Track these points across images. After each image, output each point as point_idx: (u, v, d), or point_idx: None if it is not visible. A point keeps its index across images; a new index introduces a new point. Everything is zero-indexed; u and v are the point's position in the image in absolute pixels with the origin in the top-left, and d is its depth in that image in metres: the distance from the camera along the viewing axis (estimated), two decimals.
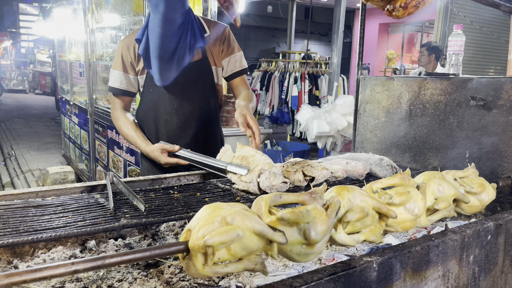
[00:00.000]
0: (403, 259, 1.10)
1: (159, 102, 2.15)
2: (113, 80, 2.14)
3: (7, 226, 1.18)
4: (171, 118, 2.16)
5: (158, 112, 2.17)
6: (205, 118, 2.22)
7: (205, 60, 2.15)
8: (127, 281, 1.30)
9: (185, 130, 2.18)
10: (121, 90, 2.15)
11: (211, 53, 2.17)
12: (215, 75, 2.20)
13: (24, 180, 5.96)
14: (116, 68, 2.13)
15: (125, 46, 2.11)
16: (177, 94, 2.13)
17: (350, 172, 1.90)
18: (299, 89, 8.44)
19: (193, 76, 2.12)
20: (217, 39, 2.18)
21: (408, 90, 2.22)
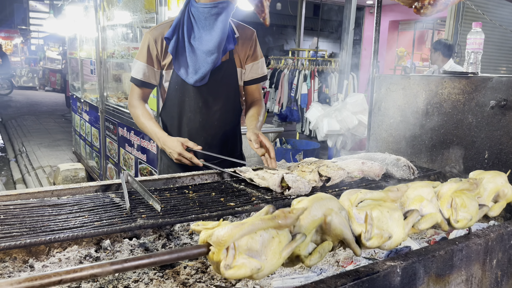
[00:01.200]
0: (427, 264, 1.07)
1: (184, 99, 2.15)
2: (136, 71, 2.12)
3: (23, 226, 1.18)
4: (195, 116, 2.16)
5: (183, 109, 2.17)
6: (228, 118, 2.23)
7: (232, 61, 2.17)
8: (143, 282, 1.29)
9: (208, 129, 2.18)
10: (143, 82, 2.14)
11: (238, 54, 2.18)
12: (239, 76, 2.22)
13: (35, 176, 6.00)
14: (140, 58, 2.11)
15: (152, 38, 2.08)
16: (203, 93, 2.13)
17: (366, 172, 1.87)
18: (308, 87, 8.39)
19: (219, 76, 2.13)
20: (245, 42, 2.19)
21: (425, 89, 2.18)
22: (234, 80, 2.20)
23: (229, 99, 2.21)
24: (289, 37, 21.95)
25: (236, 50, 2.17)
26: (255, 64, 2.25)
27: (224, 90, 2.17)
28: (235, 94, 2.24)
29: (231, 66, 2.17)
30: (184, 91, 2.13)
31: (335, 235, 1.04)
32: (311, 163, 1.84)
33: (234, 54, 2.18)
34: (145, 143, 3.54)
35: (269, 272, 0.96)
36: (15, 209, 1.30)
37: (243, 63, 2.22)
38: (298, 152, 6.18)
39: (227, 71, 2.16)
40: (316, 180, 1.74)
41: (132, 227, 1.23)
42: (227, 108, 2.22)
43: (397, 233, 1.10)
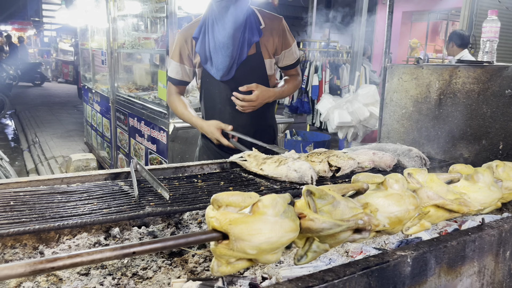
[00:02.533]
0: (439, 254, 1.05)
1: (215, 92, 2.25)
2: (170, 70, 2.29)
3: (33, 212, 1.18)
4: (224, 108, 2.25)
5: (214, 102, 2.27)
6: (258, 109, 2.26)
7: (259, 54, 2.20)
8: (152, 270, 1.29)
9: (237, 120, 2.24)
10: (177, 80, 2.30)
11: (265, 46, 2.20)
12: (268, 67, 2.25)
13: (48, 166, 6.07)
14: (174, 58, 2.26)
15: (183, 39, 2.22)
16: (231, 86, 2.19)
17: (377, 162, 1.85)
18: (319, 78, 8.31)
19: (247, 69, 2.18)
20: (273, 32, 2.21)
21: (438, 79, 2.14)
22: (262, 72, 2.25)
23: None
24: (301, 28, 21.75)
25: (263, 42, 2.19)
26: (287, 52, 2.29)
27: (252, 81, 2.20)
28: (264, 84, 2.25)
29: (258, 59, 2.21)
30: (213, 85, 2.24)
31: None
32: (320, 153, 1.82)
33: (262, 47, 2.20)
34: (155, 134, 3.54)
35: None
36: (25, 196, 1.31)
37: (271, 53, 2.25)
38: (309, 144, 6.14)
39: (255, 65, 2.21)
40: (326, 170, 1.72)
41: (140, 215, 1.23)
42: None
43: None
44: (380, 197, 1.02)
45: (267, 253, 0.84)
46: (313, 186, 0.96)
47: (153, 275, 1.26)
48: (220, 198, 0.89)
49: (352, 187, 1.05)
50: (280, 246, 0.85)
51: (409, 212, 1.00)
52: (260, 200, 0.90)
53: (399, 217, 0.98)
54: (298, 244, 0.94)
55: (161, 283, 1.22)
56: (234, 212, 0.89)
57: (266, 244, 0.83)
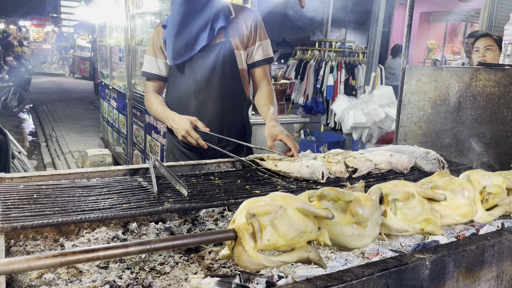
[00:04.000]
0: (457, 258, 1.05)
1: (180, 84, 2.16)
2: (145, 65, 2.22)
3: (56, 205, 1.21)
4: (189, 100, 2.15)
5: (179, 94, 2.17)
6: (226, 103, 2.16)
7: (228, 42, 2.10)
8: (169, 265, 1.31)
9: (203, 113, 2.13)
10: (152, 74, 2.20)
11: (236, 35, 2.12)
12: (239, 59, 2.14)
13: (64, 161, 6.17)
14: (148, 53, 2.21)
15: (156, 32, 2.18)
16: (196, 76, 2.11)
17: (394, 164, 1.84)
18: (335, 78, 8.27)
19: (213, 58, 2.09)
20: (244, 23, 2.13)
21: (458, 81, 2.12)
22: (231, 62, 2.13)
23: (226, 82, 2.13)
24: (316, 28, 21.67)
25: (233, 31, 2.11)
26: (258, 45, 2.17)
27: (219, 72, 2.11)
28: (234, 77, 2.15)
29: (227, 46, 2.10)
30: (179, 74, 2.14)
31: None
32: (337, 154, 1.82)
33: (232, 35, 2.11)
34: (162, 121, 3.57)
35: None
36: (47, 189, 1.34)
37: (242, 45, 2.14)
38: (323, 144, 6.12)
39: (222, 53, 2.10)
40: (343, 171, 1.72)
41: (159, 211, 1.25)
42: (224, 92, 2.14)
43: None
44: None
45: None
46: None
47: (170, 271, 1.28)
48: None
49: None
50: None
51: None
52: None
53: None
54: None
55: (178, 279, 1.24)
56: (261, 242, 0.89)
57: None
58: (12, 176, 1.41)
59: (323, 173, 1.57)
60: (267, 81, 2.22)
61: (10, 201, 1.19)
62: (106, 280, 1.20)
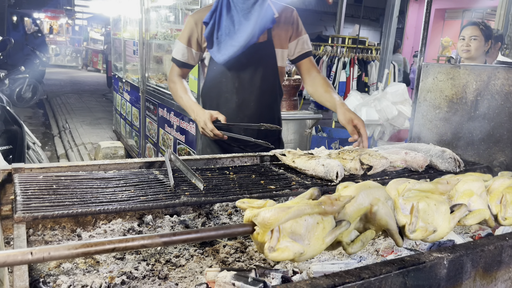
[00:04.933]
0: (475, 258, 1.04)
1: (221, 80, 2.20)
2: (176, 51, 2.24)
3: (75, 197, 1.23)
4: (231, 97, 2.20)
5: (220, 90, 2.22)
6: (265, 100, 2.23)
7: (270, 42, 2.17)
8: (184, 258, 1.32)
9: (244, 110, 2.21)
10: (182, 62, 2.24)
11: (277, 35, 2.18)
12: (279, 57, 2.22)
13: (77, 152, 6.24)
14: (181, 40, 2.22)
15: (194, 21, 2.19)
16: (239, 74, 2.17)
17: (409, 163, 1.82)
18: (347, 74, 8.23)
19: (256, 57, 2.15)
20: (285, 22, 2.19)
21: (475, 79, 2.09)
22: (272, 61, 2.21)
23: (266, 80, 2.21)
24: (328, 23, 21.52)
25: (275, 31, 2.18)
26: (300, 40, 2.25)
27: (261, 71, 2.18)
28: (274, 76, 2.24)
29: (269, 46, 2.18)
30: (221, 72, 2.18)
31: (379, 225, 1.02)
32: (352, 151, 1.81)
33: (274, 35, 2.18)
34: (184, 124, 3.59)
35: (310, 256, 0.96)
36: (66, 180, 1.35)
37: (284, 43, 2.21)
38: (334, 140, 6.09)
39: (265, 52, 2.17)
40: (357, 168, 1.71)
41: (176, 203, 1.26)
42: (265, 89, 2.22)
43: (442, 227, 1.07)
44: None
45: None
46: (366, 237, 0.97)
47: (185, 263, 1.30)
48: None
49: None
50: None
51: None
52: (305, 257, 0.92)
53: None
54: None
55: (193, 271, 1.25)
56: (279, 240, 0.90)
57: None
58: (31, 166, 1.44)
59: (338, 173, 1.57)
60: (316, 70, 2.28)
61: (30, 191, 1.21)
62: (123, 271, 1.22)
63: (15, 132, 3.95)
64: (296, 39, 2.24)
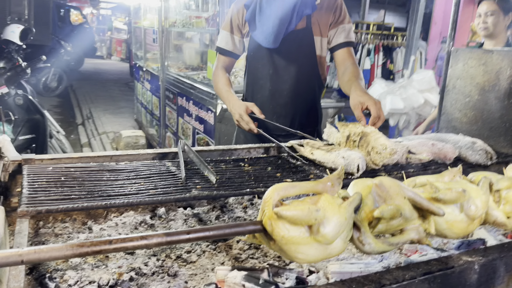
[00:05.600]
0: (509, 262, 0.94)
1: (258, 66, 2.17)
2: (220, 40, 2.22)
3: (82, 189, 1.19)
4: (265, 83, 2.16)
5: (256, 76, 2.19)
6: (300, 89, 2.16)
7: (308, 29, 2.09)
8: (196, 253, 1.27)
9: (277, 98, 2.16)
10: (225, 50, 2.21)
11: (317, 22, 2.10)
12: (318, 46, 2.13)
13: (100, 141, 6.31)
14: (224, 29, 2.21)
15: (236, 9, 2.17)
16: (274, 61, 2.11)
17: (436, 154, 1.72)
18: (372, 62, 7.98)
19: (294, 44, 2.08)
20: (327, 8, 2.10)
21: (510, 65, 1.94)
22: (311, 49, 2.12)
23: (302, 69, 2.13)
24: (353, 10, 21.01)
25: (315, 17, 2.09)
26: (341, 28, 2.12)
27: (298, 58, 2.11)
28: (312, 64, 2.15)
29: (308, 34, 2.09)
30: (258, 57, 2.14)
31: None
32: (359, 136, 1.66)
33: (313, 22, 2.09)
34: (202, 114, 3.55)
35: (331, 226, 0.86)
36: (75, 172, 1.32)
37: (324, 30, 2.11)
38: None
39: (303, 39, 2.10)
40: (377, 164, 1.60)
41: (186, 198, 1.20)
42: (300, 78, 2.14)
43: None
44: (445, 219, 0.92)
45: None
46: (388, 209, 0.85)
47: (197, 259, 1.24)
48: (283, 213, 0.81)
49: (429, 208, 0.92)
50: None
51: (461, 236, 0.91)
52: (323, 224, 0.81)
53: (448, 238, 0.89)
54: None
55: (204, 268, 1.20)
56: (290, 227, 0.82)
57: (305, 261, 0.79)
58: (42, 157, 1.41)
59: (359, 166, 1.47)
60: (352, 61, 2.11)
61: (38, 184, 1.18)
62: (132, 266, 1.18)
63: (38, 121, 3.99)
64: (336, 27, 2.12)
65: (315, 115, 2.29)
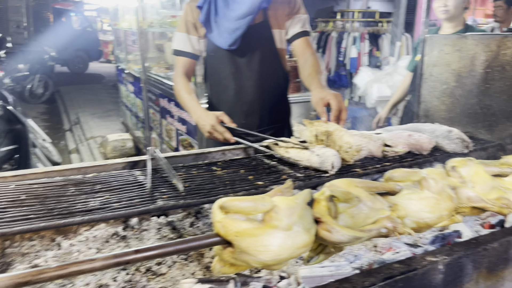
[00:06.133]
0: (477, 259, 0.92)
1: (219, 67, 2.10)
2: (176, 42, 2.11)
3: (43, 207, 1.15)
4: (229, 83, 2.10)
5: (218, 77, 2.12)
6: (266, 84, 2.11)
7: (266, 22, 2.05)
8: (166, 265, 1.24)
9: (243, 96, 2.11)
10: (184, 52, 2.10)
11: (274, 15, 2.06)
12: (277, 38, 2.09)
13: (87, 146, 6.25)
14: (180, 30, 2.11)
15: (189, 8, 2.08)
16: (235, 59, 2.06)
17: (413, 145, 1.70)
18: (358, 50, 7.95)
19: (253, 39, 2.03)
20: (283, 1, 2.07)
21: (484, 50, 1.92)
22: (271, 42, 2.09)
23: (265, 64, 2.09)
24: None
25: (272, 10, 2.05)
26: (296, 18, 2.09)
27: (259, 53, 2.06)
28: (274, 57, 2.12)
29: (266, 27, 2.06)
30: (218, 57, 2.08)
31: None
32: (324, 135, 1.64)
33: (270, 15, 2.06)
34: (184, 115, 3.50)
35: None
36: (38, 189, 1.28)
37: (281, 23, 2.09)
38: (347, 120, 5.92)
39: (262, 33, 2.05)
40: None
41: (150, 210, 1.17)
42: (264, 74, 2.10)
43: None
44: (413, 200, 0.90)
45: (273, 266, 0.75)
46: (338, 190, 0.84)
47: (167, 271, 1.21)
48: (229, 205, 0.79)
49: (383, 187, 0.92)
50: (288, 261, 0.76)
51: (442, 217, 0.87)
52: (274, 209, 0.78)
53: (429, 223, 0.86)
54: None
55: (174, 280, 1.17)
56: (243, 220, 0.79)
57: (272, 261, 0.74)
58: (5, 175, 1.37)
59: (333, 164, 1.45)
60: (311, 51, 2.09)
61: None
62: (100, 283, 1.15)
63: (19, 132, 3.93)
64: (292, 17, 2.10)
65: (285, 109, 2.26)
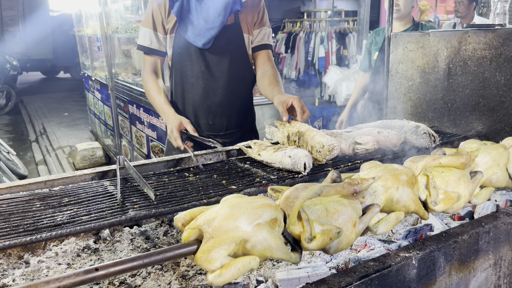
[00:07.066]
0: (448, 251, 0.94)
1: (187, 64, 2.06)
2: (142, 38, 2.05)
3: (6, 225, 1.10)
4: (197, 82, 2.07)
5: (185, 75, 2.08)
6: (234, 86, 2.11)
7: (237, 25, 2.05)
8: (141, 276, 1.21)
9: (211, 96, 2.08)
10: (151, 49, 2.06)
11: (244, 19, 2.07)
12: (247, 42, 2.10)
13: (55, 157, 6.06)
14: (146, 25, 2.04)
15: (156, 3, 2.02)
16: (206, 57, 2.03)
17: (382, 142, 1.72)
18: (326, 49, 8.06)
19: (223, 40, 2.02)
20: (253, 8, 2.08)
21: (446, 46, 1.97)
22: (241, 45, 2.09)
23: (235, 66, 2.09)
24: None
25: (243, 15, 2.06)
26: (263, 30, 2.14)
27: (229, 54, 2.06)
28: (243, 61, 2.12)
29: (237, 29, 2.06)
30: (186, 54, 2.04)
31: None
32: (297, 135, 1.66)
33: (241, 19, 2.06)
34: (154, 121, 3.45)
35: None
36: (1, 205, 1.22)
37: (250, 28, 2.10)
38: (317, 119, 5.99)
39: (233, 35, 2.05)
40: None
41: (122, 221, 1.14)
42: (233, 76, 2.09)
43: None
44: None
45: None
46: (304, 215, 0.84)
47: (142, 283, 1.18)
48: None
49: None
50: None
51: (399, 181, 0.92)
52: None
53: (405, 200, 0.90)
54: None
55: None
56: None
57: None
58: None
59: (306, 164, 1.45)
60: (271, 64, 2.14)
61: None
62: None
63: None
64: (260, 28, 2.13)
65: (251, 112, 2.27)
